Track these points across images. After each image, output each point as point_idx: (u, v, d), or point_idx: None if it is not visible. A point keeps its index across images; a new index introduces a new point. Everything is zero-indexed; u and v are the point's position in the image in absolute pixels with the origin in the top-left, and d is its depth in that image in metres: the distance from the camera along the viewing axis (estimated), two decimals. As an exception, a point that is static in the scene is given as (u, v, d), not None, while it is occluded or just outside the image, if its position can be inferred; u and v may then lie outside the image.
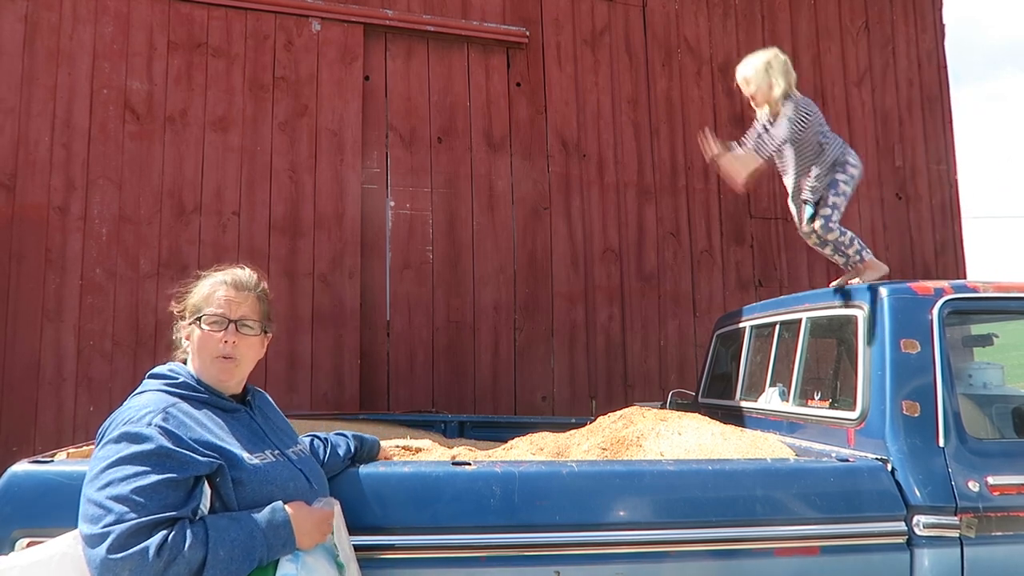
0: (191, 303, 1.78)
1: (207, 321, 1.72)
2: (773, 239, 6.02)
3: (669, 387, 5.37)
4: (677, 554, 2.08)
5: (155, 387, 1.68)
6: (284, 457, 1.73)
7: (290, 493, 1.65)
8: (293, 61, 5.13)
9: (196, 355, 1.74)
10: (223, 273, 1.82)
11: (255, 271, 1.88)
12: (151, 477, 1.44)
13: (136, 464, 1.46)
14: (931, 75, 6.60)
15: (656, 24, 5.99)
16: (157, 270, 4.71)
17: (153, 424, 1.52)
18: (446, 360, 5.20)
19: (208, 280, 1.81)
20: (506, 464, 2.16)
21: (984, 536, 2.23)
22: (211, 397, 1.70)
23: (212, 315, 1.72)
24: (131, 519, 1.39)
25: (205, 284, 1.80)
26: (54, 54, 4.70)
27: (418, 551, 1.97)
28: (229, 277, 1.80)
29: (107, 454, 1.49)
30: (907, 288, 2.57)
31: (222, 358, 1.72)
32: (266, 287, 1.87)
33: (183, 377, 1.71)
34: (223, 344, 1.71)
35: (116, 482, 1.43)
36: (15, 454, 4.18)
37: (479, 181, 5.41)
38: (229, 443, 1.62)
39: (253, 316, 1.77)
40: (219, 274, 1.82)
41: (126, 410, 1.59)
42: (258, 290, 1.82)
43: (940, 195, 6.45)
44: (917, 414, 2.38)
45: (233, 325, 1.73)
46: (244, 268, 1.86)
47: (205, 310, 1.73)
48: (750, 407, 3.36)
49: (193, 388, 1.69)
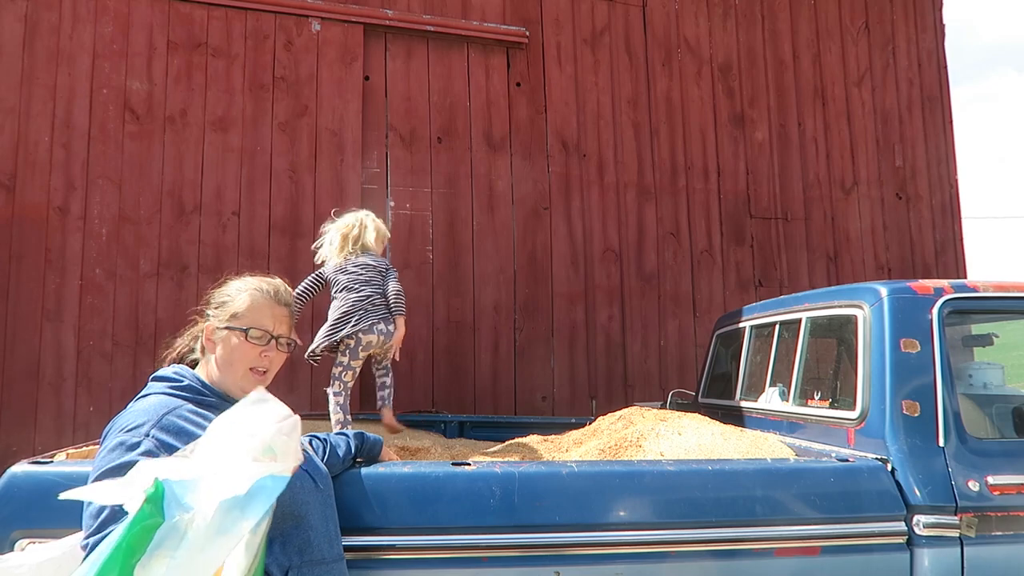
0: (232, 310, 1.76)
1: (254, 336, 1.73)
2: (773, 239, 6.02)
3: (669, 387, 5.38)
4: (677, 554, 2.08)
5: (159, 390, 1.68)
6: None
7: (296, 492, 1.64)
8: (293, 61, 5.13)
9: (226, 362, 1.73)
10: (266, 283, 1.82)
11: (287, 284, 1.90)
12: None
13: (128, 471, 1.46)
14: (931, 75, 6.61)
15: (656, 24, 5.99)
16: (157, 270, 4.71)
17: (150, 435, 1.52)
18: (446, 360, 5.20)
19: (251, 290, 1.80)
20: (506, 464, 2.15)
21: (984, 536, 2.23)
22: (216, 400, 1.70)
23: (259, 330, 1.74)
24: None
25: (247, 294, 1.79)
26: (54, 54, 4.70)
27: (418, 551, 1.97)
28: (274, 292, 1.81)
29: (101, 463, 1.50)
30: (907, 288, 2.57)
31: (257, 371, 1.74)
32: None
33: (188, 380, 1.71)
34: (262, 358, 1.74)
35: None
36: (15, 454, 4.19)
37: (479, 181, 5.41)
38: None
39: (289, 333, 1.81)
40: (263, 284, 1.82)
41: (126, 415, 1.59)
42: (293, 306, 1.86)
43: (940, 195, 6.45)
44: (917, 414, 2.38)
45: (275, 341, 1.76)
46: (278, 279, 1.87)
47: (253, 323, 1.74)
48: (750, 407, 3.36)
49: (198, 391, 1.69)
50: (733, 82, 6.11)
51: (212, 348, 1.75)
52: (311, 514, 1.68)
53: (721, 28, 6.14)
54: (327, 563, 1.67)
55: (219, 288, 1.84)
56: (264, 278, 1.86)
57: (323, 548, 1.68)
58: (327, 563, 1.67)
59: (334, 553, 1.72)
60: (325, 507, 1.76)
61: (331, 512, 1.79)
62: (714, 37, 6.12)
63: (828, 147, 6.21)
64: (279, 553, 1.59)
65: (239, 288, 1.81)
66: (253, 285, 1.81)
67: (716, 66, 6.07)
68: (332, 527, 1.77)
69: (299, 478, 1.69)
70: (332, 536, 1.75)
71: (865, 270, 6.17)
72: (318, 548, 1.66)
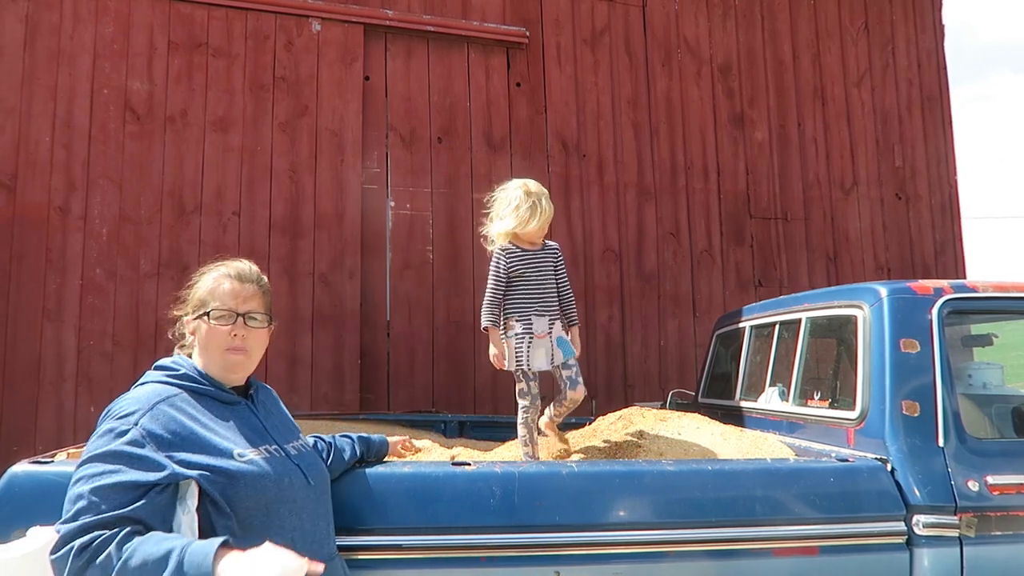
0: (195, 297, 1.76)
1: (215, 316, 1.71)
2: (773, 239, 6.02)
3: (669, 387, 5.37)
4: (677, 554, 2.08)
5: (156, 378, 1.69)
6: (282, 452, 1.71)
7: (284, 488, 1.63)
8: (293, 61, 5.13)
9: (204, 349, 1.73)
10: (224, 266, 1.81)
11: (252, 263, 1.88)
12: (114, 478, 1.44)
13: (108, 462, 1.47)
14: (931, 75, 6.61)
15: (656, 24, 5.99)
16: (157, 270, 4.72)
17: (139, 424, 1.52)
18: (446, 360, 5.20)
19: (211, 274, 1.79)
20: (506, 464, 2.16)
21: (984, 536, 2.23)
22: (212, 389, 1.70)
23: (220, 309, 1.72)
24: (84, 519, 1.40)
25: (208, 278, 1.78)
26: (54, 54, 4.70)
27: (418, 551, 1.97)
28: (232, 270, 1.79)
29: (91, 448, 1.52)
30: (907, 288, 2.57)
31: (232, 351, 1.72)
32: (266, 279, 1.87)
33: (185, 369, 1.71)
34: (233, 337, 1.72)
35: (84, 479, 1.45)
36: (15, 454, 4.18)
37: (479, 181, 5.41)
38: (222, 436, 1.61)
39: (259, 309, 1.78)
40: (221, 267, 1.81)
41: (121, 401, 1.61)
42: (261, 282, 1.82)
43: (940, 195, 6.46)
44: (917, 414, 2.38)
45: (241, 319, 1.73)
46: (243, 261, 1.85)
47: (212, 304, 1.72)
48: (750, 407, 3.36)
49: (195, 380, 1.69)
50: (733, 82, 6.11)
51: (194, 341, 1.76)
52: (298, 512, 1.65)
53: (721, 28, 6.14)
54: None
55: (187, 284, 1.84)
56: (226, 261, 1.84)
57: (309, 547, 1.63)
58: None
59: (324, 552, 1.68)
60: (318, 505, 1.73)
61: (324, 511, 1.76)
62: (714, 37, 6.12)
63: (828, 147, 6.21)
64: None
65: (200, 274, 1.81)
66: (212, 269, 1.81)
67: (716, 66, 6.07)
68: (324, 525, 1.74)
69: (289, 474, 1.67)
70: (323, 535, 1.72)
71: (865, 270, 6.17)
72: (304, 547, 1.61)
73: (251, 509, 1.57)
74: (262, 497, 1.58)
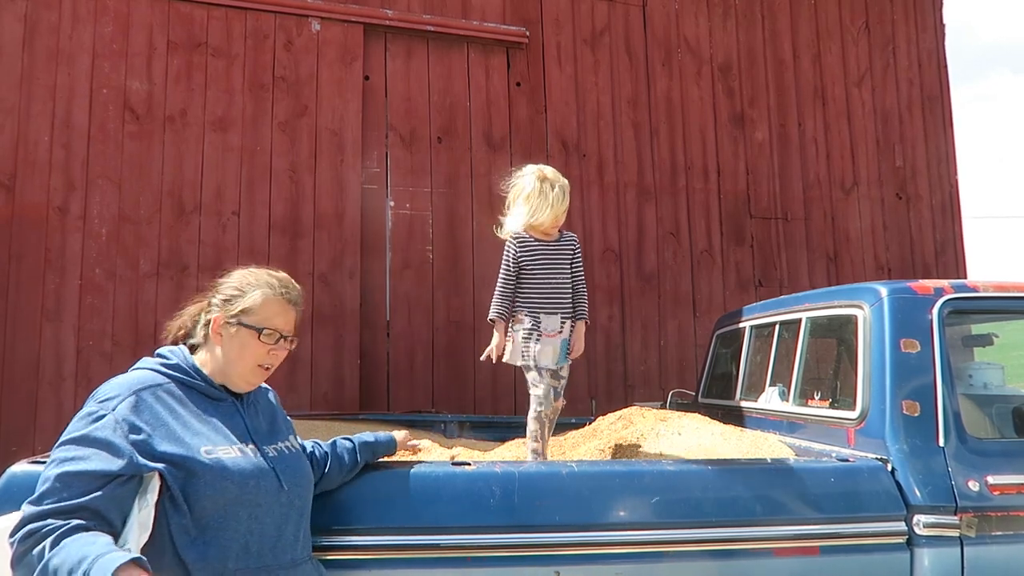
0: (242, 306, 1.73)
1: (267, 336, 1.73)
2: (773, 239, 6.01)
3: (669, 387, 5.37)
4: (677, 554, 2.07)
5: (149, 365, 1.70)
6: (259, 454, 1.68)
7: (249, 490, 1.60)
8: (293, 61, 5.12)
9: (235, 357, 1.72)
10: (276, 280, 1.80)
11: (294, 281, 1.88)
12: (80, 465, 1.45)
13: (80, 446, 1.48)
14: (931, 75, 6.60)
15: (656, 24, 5.99)
16: (157, 270, 4.71)
17: (115, 410, 1.54)
18: (446, 360, 5.20)
19: (264, 288, 1.77)
20: (506, 464, 2.15)
21: (984, 536, 2.23)
22: (201, 384, 1.70)
23: (273, 332, 1.74)
24: (46, 504, 1.42)
25: (259, 292, 1.75)
26: (54, 54, 4.69)
27: (418, 551, 1.97)
28: (286, 291, 1.79)
29: (70, 428, 1.54)
30: (907, 288, 2.57)
31: (262, 367, 1.75)
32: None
33: (176, 359, 1.71)
34: (270, 355, 1.75)
35: (56, 462, 1.47)
36: (15, 454, 4.18)
37: (479, 181, 5.41)
38: (195, 432, 1.60)
39: (294, 332, 1.81)
40: (276, 283, 1.79)
41: (108, 384, 1.63)
42: (300, 305, 1.84)
43: (940, 195, 6.45)
44: (917, 414, 2.38)
45: (283, 340, 1.77)
46: (289, 279, 1.85)
47: (266, 323, 1.73)
48: (750, 407, 3.36)
49: (186, 372, 1.70)
50: (733, 82, 6.10)
51: (218, 340, 1.74)
52: (260, 516, 1.62)
53: (721, 28, 6.14)
54: (271, 569, 1.61)
55: (226, 279, 1.81)
56: (273, 273, 1.83)
57: (266, 552, 1.61)
58: (271, 569, 1.61)
59: (285, 559, 1.64)
60: (289, 510, 1.69)
61: (296, 517, 1.71)
62: (714, 37, 6.11)
63: (828, 147, 6.21)
64: (213, 558, 1.53)
65: (250, 284, 1.77)
66: (264, 281, 1.78)
67: (716, 66, 6.07)
68: (291, 531, 1.68)
69: (259, 476, 1.63)
70: (288, 541, 1.67)
71: (865, 270, 6.16)
72: (259, 551, 1.60)
73: (208, 508, 1.55)
74: (220, 497, 1.56)
